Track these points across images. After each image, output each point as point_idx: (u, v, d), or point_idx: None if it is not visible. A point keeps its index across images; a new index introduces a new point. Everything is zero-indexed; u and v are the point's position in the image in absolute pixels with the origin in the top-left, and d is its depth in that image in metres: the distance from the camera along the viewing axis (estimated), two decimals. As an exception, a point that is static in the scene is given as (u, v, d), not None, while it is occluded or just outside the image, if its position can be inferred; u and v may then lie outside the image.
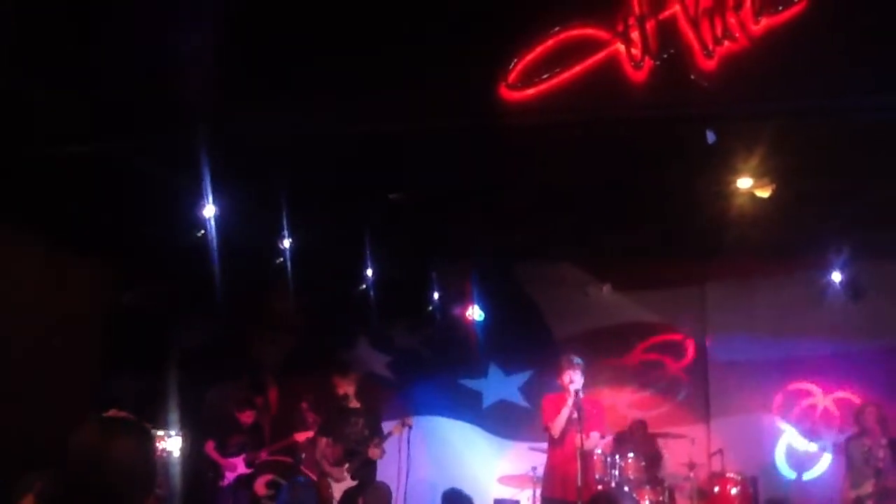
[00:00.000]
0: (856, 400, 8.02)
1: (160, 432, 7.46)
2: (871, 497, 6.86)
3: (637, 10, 4.74)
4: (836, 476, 7.70)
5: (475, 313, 9.19)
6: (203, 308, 8.41)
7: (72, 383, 6.89)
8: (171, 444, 7.61)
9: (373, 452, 7.24)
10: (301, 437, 8.09)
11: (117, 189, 6.32)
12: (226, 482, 7.89)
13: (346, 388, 7.44)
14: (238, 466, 7.95)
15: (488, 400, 9.62)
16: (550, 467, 6.82)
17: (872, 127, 5.22)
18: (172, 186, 6.21)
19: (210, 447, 7.95)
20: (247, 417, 8.15)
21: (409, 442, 7.59)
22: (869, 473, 6.93)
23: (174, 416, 7.61)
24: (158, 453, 7.36)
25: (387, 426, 7.62)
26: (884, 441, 6.99)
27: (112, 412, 2.05)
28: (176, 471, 7.50)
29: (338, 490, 7.26)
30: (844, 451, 7.40)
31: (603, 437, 7.09)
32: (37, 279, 6.88)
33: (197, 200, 6.20)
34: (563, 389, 6.62)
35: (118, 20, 5.23)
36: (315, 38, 5.15)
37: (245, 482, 8.03)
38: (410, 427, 7.50)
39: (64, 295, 7.09)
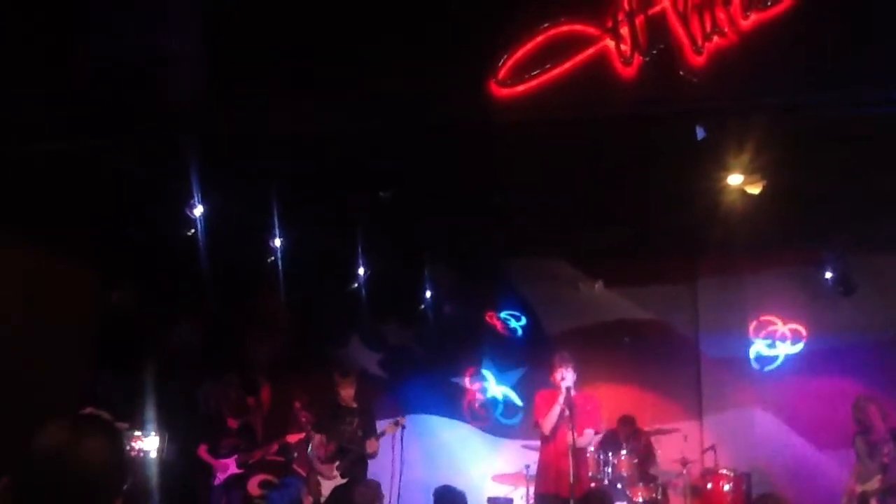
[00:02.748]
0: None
1: (137, 432, 7.40)
2: (876, 493, 6.78)
3: (626, 5, 4.74)
4: (829, 471, 7.72)
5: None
6: (193, 308, 8.38)
7: (60, 384, 6.84)
8: (147, 443, 7.55)
9: (371, 445, 7.21)
10: (293, 438, 8.07)
11: (106, 188, 6.29)
12: (217, 482, 7.85)
13: (347, 388, 7.43)
14: (230, 467, 7.91)
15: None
16: (543, 464, 6.83)
17: (862, 122, 5.22)
18: (161, 185, 6.19)
19: (203, 451, 7.91)
20: (234, 423, 8.12)
21: (402, 441, 7.57)
22: (875, 469, 6.88)
23: (161, 415, 7.56)
24: (134, 453, 7.30)
25: (380, 425, 7.60)
26: (887, 435, 6.90)
27: (88, 411, 2.02)
28: (153, 471, 7.44)
29: (326, 487, 7.24)
30: (853, 447, 7.30)
31: (597, 433, 7.09)
32: (24, 279, 6.83)
33: (187, 199, 6.18)
34: (556, 386, 6.63)
35: (103, 18, 5.20)
36: (303, 36, 5.13)
37: (237, 481, 7.99)
38: (404, 427, 7.48)
39: (51, 295, 7.04)
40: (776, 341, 8.71)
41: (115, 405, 6.95)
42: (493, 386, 9.55)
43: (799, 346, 8.63)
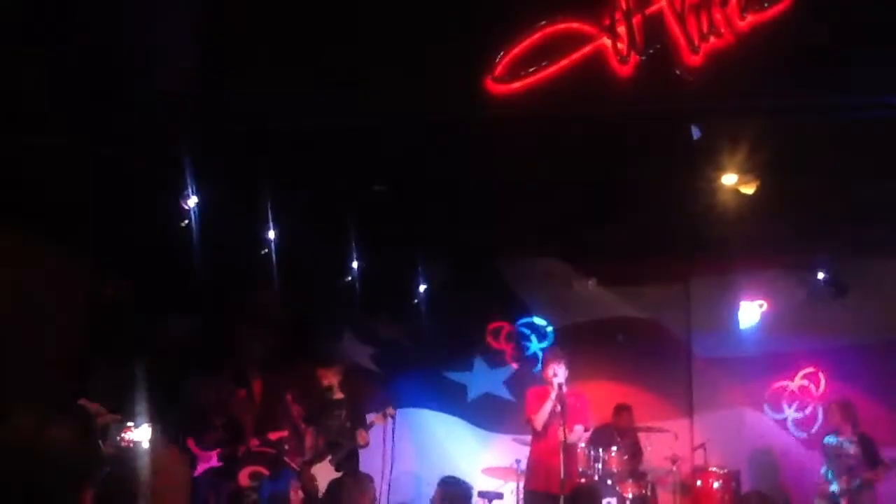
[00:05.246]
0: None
1: (129, 423, 7.39)
2: (844, 493, 7.11)
3: (624, 4, 4.75)
4: (817, 470, 7.76)
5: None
6: (185, 301, 8.36)
7: (51, 376, 6.84)
8: (138, 434, 7.53)
9: (361, 436, 7.21)
10: (275, 436, 8.08)
11: (100, 181, 6.27)
12: (196, 473, 7.83)
13: (330, 379, 7.44)
14: (211, 459, 7.91)
15: (473, 393, 9.63)
16: (533, 460, 6.85)
17: (856, 124, 5.24)
18: (156, 178, 6.17)
19: (191, 443, 7.91)
20: (218, 420, 8.11)
21: (393, 433, 7.58)
22: (842, 470, 7.20)
23: (153, 407, 7.55)
24: (125, 444, 7.28)
25: (369, 417, 7.60)
26: (854, 438, 7.22)
27: (81, 402, 2.02)
28: (144, 462, 7.42)
29: (322, 481, 7.24)
30: (820, 448, 7.63)
31: (587, 430, 7.12)
32: (16, 271, 6.82)
33: (179, 193, 6.17)
34: (547, 383, 6.65)
35: (100, 10, 5.19)
36: (300, 31, 5.12)
37: (224, 475, 7.98)
38: (393, 416, 7.47)
39: (44, 287, 7.03)
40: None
41: (107, 397, 6.95)
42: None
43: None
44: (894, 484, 7.29)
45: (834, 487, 7.22)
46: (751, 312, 8.52)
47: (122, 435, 7.26)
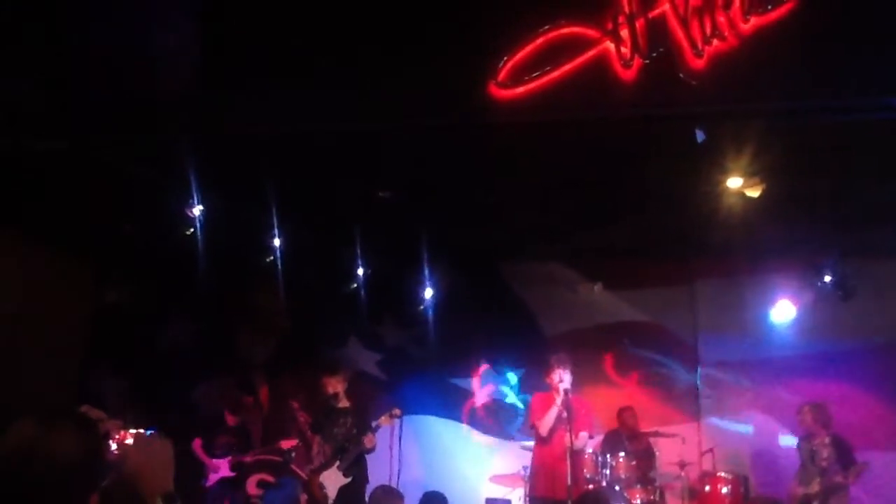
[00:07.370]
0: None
1: (132, 430, 7.38)
2: (817, 496, 7.07)
3: (627, 8, 4.75)
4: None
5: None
6: (189, 307, 8.37)
7: (55, 381, 6.84)
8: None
9: (368, 440, 7.18)
10: (287, 444, 8.07)
11: (102, 186, 6.28)
12: (209, 483, 7.82)
13: (336, 386, 7.42)
14: (222, 468, 7.89)
15: (479, 399, 9.61)
16: (538, 466, 6.82)
17: (860, 127, 5.23)
18: (159, 183, 6.18)
19: (197, 445, 7.88)
20: (232, 421, 8.10)
21: (400, 439, 7.56)
22: (815, 472, 7.15)
23: (155, 413, 7.55)
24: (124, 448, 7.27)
25: (375, 421, 7.57)
26: (827, 440, 7.16)
27: (83, 409, 2.02)
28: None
29: (331, 488, 7.22)
30: (797, 451, 7.61)
31: (591, 436, 7.10)
32: (20, 276, 6.83)
33: (184, 198, 6.18)
34: (552, 388, 6.63)
35: (101, 16, 5.21)
36: (301, 36, 5.14)
37: (230, 485, 7.97)
38: (399, 417, 7.43)
39: (47, 292, 7.04)
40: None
41: (110, 402, 6.95)
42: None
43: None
44: (868, 486, 7.34)
45: (806, 490, 7.19)
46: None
47: (123, 440, 7.25)
